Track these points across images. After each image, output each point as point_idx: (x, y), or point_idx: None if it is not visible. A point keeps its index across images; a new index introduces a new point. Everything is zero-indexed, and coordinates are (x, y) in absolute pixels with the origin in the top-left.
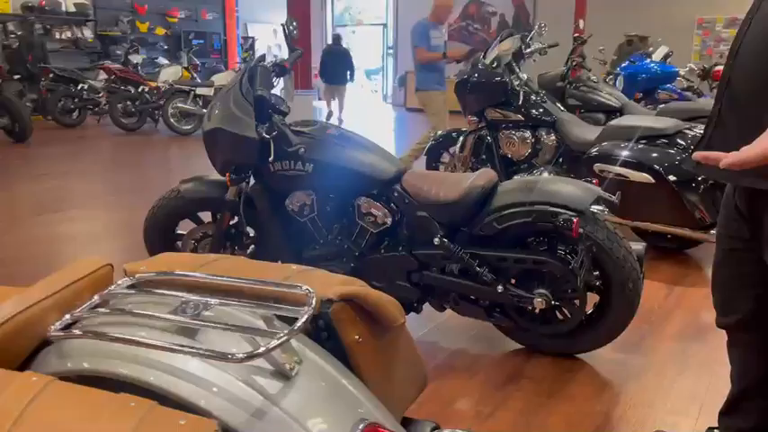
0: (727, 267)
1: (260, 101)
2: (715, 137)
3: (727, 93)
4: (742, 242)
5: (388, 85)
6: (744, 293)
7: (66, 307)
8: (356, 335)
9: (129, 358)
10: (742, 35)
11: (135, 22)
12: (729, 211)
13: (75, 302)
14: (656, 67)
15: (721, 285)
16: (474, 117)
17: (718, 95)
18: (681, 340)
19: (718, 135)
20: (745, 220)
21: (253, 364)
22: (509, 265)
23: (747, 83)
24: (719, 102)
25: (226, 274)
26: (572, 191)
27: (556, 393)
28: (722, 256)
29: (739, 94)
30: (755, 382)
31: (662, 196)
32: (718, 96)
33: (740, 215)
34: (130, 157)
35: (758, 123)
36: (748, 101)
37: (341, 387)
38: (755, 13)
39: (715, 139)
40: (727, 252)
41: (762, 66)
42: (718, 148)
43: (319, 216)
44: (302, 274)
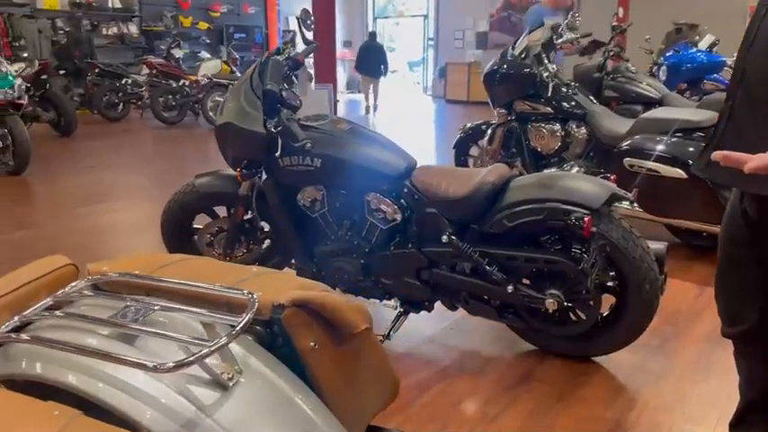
0: (733, 276)
1: (269, 95)
2: (728, 134)
3: (741, 87)
4: (748, 249)
5: (428, 76)
6: (749, 303)
7: (20, 307)
8: (311, 341)
9: (65, 364)
10: (756, 25)
11: (178, 17)
12: (735, 218)
13: (29, 303)
14: (701, 56)
15: (726, 294)
16: (503, 109)
17: (731, 89)
18: (706, 344)
19: (731, 132)
20: (754, 226)
21: (189, 373)
22: (520, 264)
23: (764, 77)
24: (732, 97)
25: (182, 277)
26: (585, 188)
27: (567, 397)
28: (726, 264)
29: (755, 89)
30: (762, 393)
31: (695, 192)
32: (730, 90)
33: (748, 222)
34: (171, 149)
35: None
36: (764, 96)
37: (285, 398)
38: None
39: (728, 137)
40: (732, 260)
41: None
42: (731, 146)
43: (330, 211)
44: (259, 278)
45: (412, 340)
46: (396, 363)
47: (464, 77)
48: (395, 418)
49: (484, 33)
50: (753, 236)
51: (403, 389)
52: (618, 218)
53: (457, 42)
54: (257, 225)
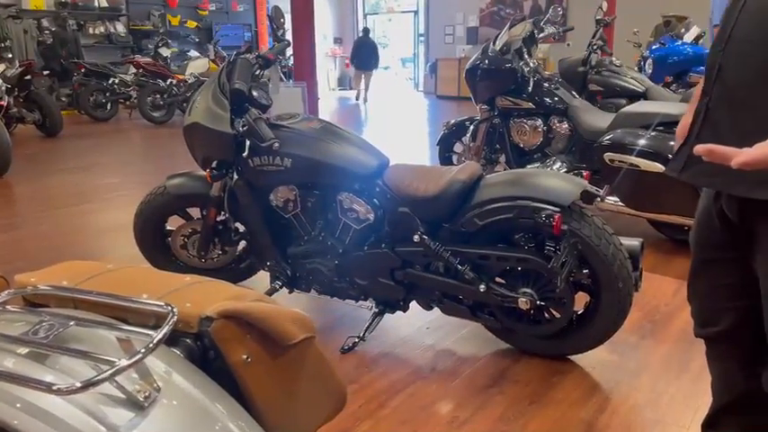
0: (707, 278)
1: (236, 94)
2: (704, 134)
3: (717, 84)
4: (725, 252)
5: (419, 72)
6: (724, 304)
7: None
8: (244, 354)
9: None
10: (732, 21)
11: (166, 15)
12: (710, 220)
13: None
14: (687, 48)
15: (700, 296)
16: (485, 105)
17: (706, 87)
18: (683, 341)
19: (707, 132)
20: (732, 228)
21: (102, 393)
22: (492, 263)
23: (742, 73)
24: (708, 94)
25: (109, 288)
26: (556, 185)
27: (540, 398)
28: (700, 266)
29: (733, 87)
30: (735, 395)
31: (676, 187)
32: (705, 88)
33: (725, 224)
34: (158, 149)
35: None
36: (744, 94)
37: (209, 415)
38: None
39: (704, 137)
40: (706, 262)
41: (760, 52)
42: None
43: (303, 212)
44: (190, 288)
45: (387, 341)
46: (370, 364)
47: (455, 73)
48: (365, 422)
49: (474, 29)
50: (731, 238)
51: (375, 391)
52: (590, 215)
53: (447, 38)
54: (231, 226)
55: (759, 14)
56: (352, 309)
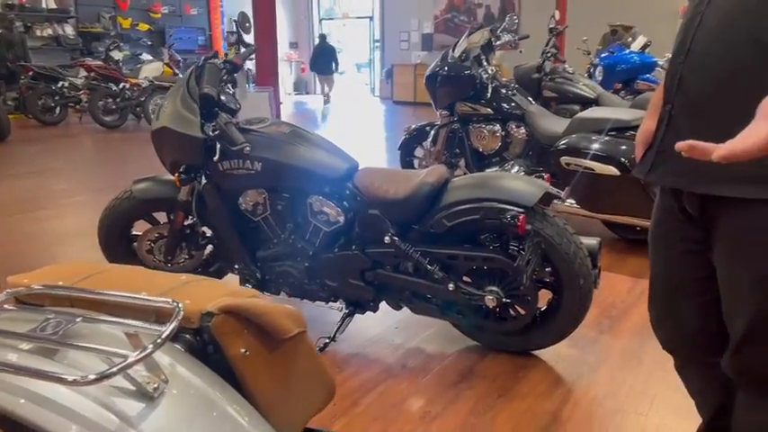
0: (669, 276)
1: (206, 99)
2: (667, 139)
3: (679, 94)
4: (686, 244)
5: (375, 78)
6: (687, 303)
7: None
8: (242, 348)
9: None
10: (692, 34)
11: (117, 18)
12: (673, 214)
13: None
14: (634, 57)
15: (662, 296)
16: (445, 111)
17: (668, 95)
18: (638, 335)
19: (671, 138)
20: (693, 223)
21: (113, 385)
22: (459, 262)
23: (704, 84)
24: (670, 102)
25: (108, 287)
26: (520, 187)
27: (507, 392)
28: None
29: (695, 97)
30: (716, 410)
31: (628, 189)
32: (668, 96)
33: (687, 220)
34: (111, 154)
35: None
36: (703, 103)
37: (214, 406)
38: (705, 7)
39: (668, 143)
40: (669, 258)
41: (720, 66)
42: (671, 155)
43: (272, 215)
44: (187, 286)
45: (357, 341)
46: (342, 364)
47: (410, 79)
48: (339, 420)
49: (429, 35)
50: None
51: (347, 390)
52: (552, 215)
53: (402, 44)
54: (198, 230)
55: (716, 31)
56: (323, 310)
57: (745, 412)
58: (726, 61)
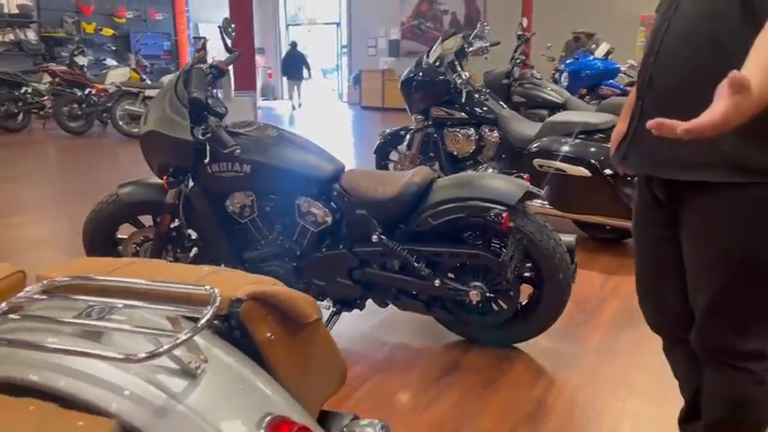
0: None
1: (195, 103)
2: (640, 132)
3: (649, 91)
4: (661, 230)
5: (343, 83)
6: (667, 287)
7: None
8: (268, 332)
9: (33, 363)
10: (661, 34)
11: (81, 23)
12: (647, 202)
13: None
14: (598, 63)
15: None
16: (420, 115)
17: (639, 93)
18: (613, 327)
19: (642, 132)
20: (664, 210)
21: (157, 364)
22: (445, 259)
23: (671, 81)
24: (642, 98)
25: (139, 278)
26: (502, 186)
27: (492, 383)
28: (643, 250)
29: (664, 92)
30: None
31: (598, 189)
32: (639, 94)
33: (658, 206)
34: (78, 161)
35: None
36: (673, 98)
37: (248, 383)
38: (673, 13)
39: (640, 135)
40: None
41: (686, 65)
42: (643, 146)
43: (260, 217)
44: (214, 275)
45: (345, 338)
46: None
47: (379, 84)
48: None
49: (396, 41)
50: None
51: None
52: (532, 213)
53: (370, 50)
54: (184, 233)
55: (682, 35)
56: None
57: (708, 386)
58: (690, 60)
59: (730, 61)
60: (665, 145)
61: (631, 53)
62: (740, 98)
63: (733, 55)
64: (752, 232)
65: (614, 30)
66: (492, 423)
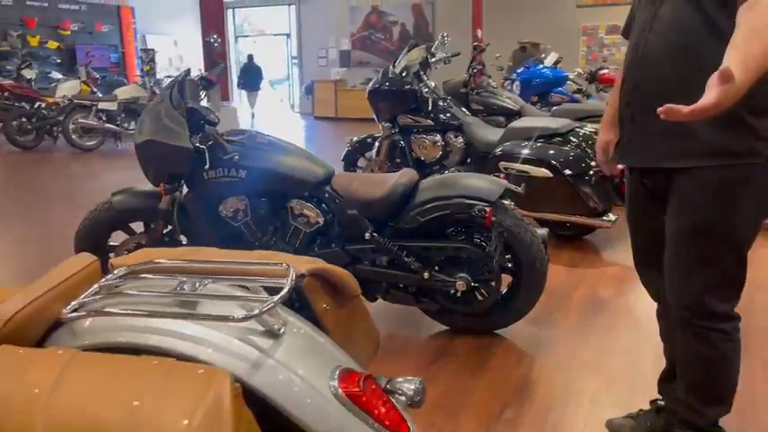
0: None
1: (191, 112)
2: (632, 133)
3: (637, 97)
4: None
5: (294, 94)
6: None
7: (68, 296)
8: (324, 304)
9: (138, 329)
10: (641, 48)
11: (25, 36)
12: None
13: (74, 292)
14: (548, 72)
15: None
16: (387, 123)
17: (627, 99)
18: (582, 313)
19: (634, 132)
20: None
21: (247, 327)
22: (432, 253)
23: (655, 87)
24: (631, 104)
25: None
26: (483, 184)
27: (480, 364)
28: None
29: (652, 96)
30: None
31: (559, 189)
32: (627, 100)
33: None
34: (30, 176)
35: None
36: (657, 101)
37: (318, 343)
38: (653, 22)
39: (633, 135)
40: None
41: (665, 72)
42: (637, 142)
43: (253, 220)
44: (273, 257)
45: None
46: None
47: (331, 95)
48: None
49: (347, 52)
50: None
51: None
52: (511, 208)
53: (321, 60)
54: (177, 238)
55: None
56: None
57: (686, 348)
58: (668, 68)
59: (701, 66)
60: (656, 141)
61: (574, 62)
62: (728, 86)
63: (703, 61)
64: (717, 206)
65: (558, 40)
66: (484, 399)
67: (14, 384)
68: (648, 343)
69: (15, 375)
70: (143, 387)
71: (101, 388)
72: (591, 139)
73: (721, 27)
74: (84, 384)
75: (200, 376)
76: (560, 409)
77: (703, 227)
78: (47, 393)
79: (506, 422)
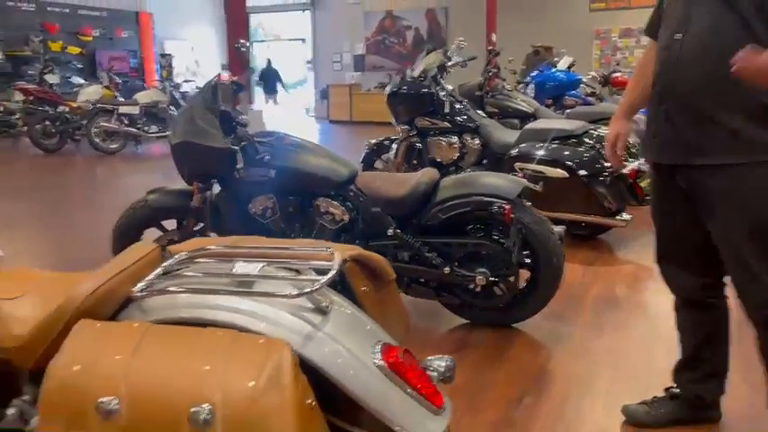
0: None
1: (224, 115)
2: (668, 132)
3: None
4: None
5: (309, 98)
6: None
7: (136, 278)
8: (363, 287)
9: (200, 305)
10: (678, 45)
11: (47, 41)
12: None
13: (140, 275)
14: (561, 75)
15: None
16: (405, 126)
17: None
18: (597, 309)
19: (671, 130)
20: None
21: (299, 304)
22: (453, 249)
23: (694, 86)
24: (665, 104)
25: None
26: (503, 183)
27: (499, 355)
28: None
29: (688, 97)
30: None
31: (574, 189)
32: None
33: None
34: (56, 179)
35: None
36: (696, 101)
37: (360, 321)
38: (688, 24)
39: (668, 134)
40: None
41: (706, 72)
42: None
43: (281, 217)
44: (314, 244)
45: None
46: None
47: (346, 99)
48: None
49: (361, 56)
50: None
51: None
52: (528, 206)
53: (335, 65)
54: (208, 235)
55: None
56: None
57: (762, 343)
58: (703, 70)
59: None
60: (695, 138)
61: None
62: None
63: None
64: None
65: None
66: (503, 387)
67: (98, 352)
68: (662, 337)
69: (98, 345)
70: (211, 354)
71: (174, 355)
72: (605, 141)
73: (757, 32)
74: (160, 352)
75: (262, 345)
76: (577, 397)
77: (764, 223)
78: (128, 360)
79: (525, 408)
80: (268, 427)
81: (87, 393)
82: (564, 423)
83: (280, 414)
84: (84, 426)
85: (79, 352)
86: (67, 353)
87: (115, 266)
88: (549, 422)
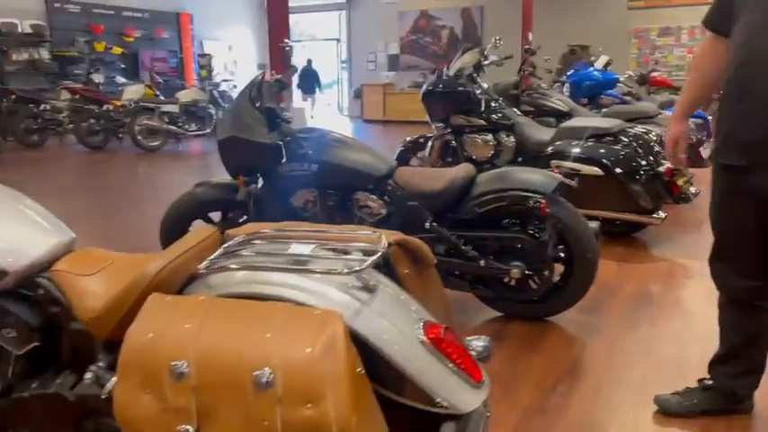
0: (727, 235)
1: (269, 111)
2: (745, 133)
3: (748, 94)
4: (748, 213)
5: (343, 97)
6: (744, 256)
7: (200, 257)
8: (406, 269)
9: (259, 281)
10: (756, 49)
11: (92, 42)
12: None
13: (203, 254)
14: (598, 74)
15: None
16: (440, 123)
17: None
18: (631, 304)
19: (747, 131)
20: (751, 192)
21: (348, 282)
22: (489, 243)
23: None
24: (742, 102)
25: (302, 232)
26: (538, 178)
27: (534, 347)
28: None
29: (762, 94)
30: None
31: (610, 186)
32: (739, 98)
33: (745, 189)
34: (103, 175)
35: None
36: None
37: (405, 300)
38: (762, 29)
39: (744, 135)
40: (726, 220)
41: None
42: (748, 141)
43: (321, 210)
44: (358, 229)
45: None
46: None
47: (380, 98)
48: None
49: (395, 56)
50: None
51: None
52: (564, 201)
53: (370, 65)
54: None
55: None
56: None
57: None
58: None
59: None
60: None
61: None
62: None
63: None
64: None
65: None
66: (538, 375)
67: (169, 322)
68: (696, 332)
69: (169, 315)
70: (271, 324)
71: (237, 324)
72: (641, 139)
73: None
74: (224, 321)
75: (318, 316)
76: (610, 387)
77: None
78: (196, 328)
79: (560, 395)
80: (323, 390)
81: (161, 357)
82: (596, 411)
83: (334, 378)
84: (157, 385)
85: (153, 321)
86: (143, 322)
87: (181, 247)
88: (582, 409)
